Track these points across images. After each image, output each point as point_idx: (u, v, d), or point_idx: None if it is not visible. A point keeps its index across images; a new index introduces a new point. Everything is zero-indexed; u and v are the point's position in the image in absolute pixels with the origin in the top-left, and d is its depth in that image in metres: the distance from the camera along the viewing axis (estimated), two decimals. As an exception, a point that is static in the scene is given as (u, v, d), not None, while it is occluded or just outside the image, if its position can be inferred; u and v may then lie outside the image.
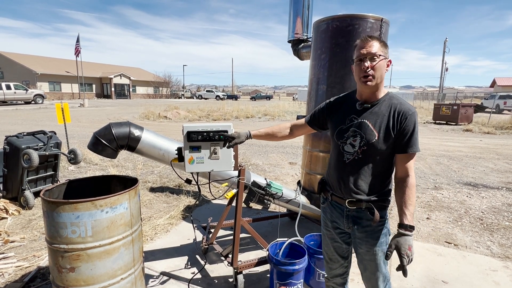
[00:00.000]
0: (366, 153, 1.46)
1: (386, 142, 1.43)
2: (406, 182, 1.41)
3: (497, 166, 6.85)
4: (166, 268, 2.73)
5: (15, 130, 10.00)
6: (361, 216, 1.53)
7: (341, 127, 1.55)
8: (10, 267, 2.64)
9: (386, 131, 1.42)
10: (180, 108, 19.59)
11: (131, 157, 6.89)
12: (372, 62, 1.40)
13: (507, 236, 3.48)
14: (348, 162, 1.51)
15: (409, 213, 1.37)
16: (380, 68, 1.41)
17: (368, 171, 1.48)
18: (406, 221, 1.36)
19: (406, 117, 1.39)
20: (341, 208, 1.59)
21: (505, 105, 23.72)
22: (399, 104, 1.43)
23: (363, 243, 1.56)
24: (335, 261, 1.74)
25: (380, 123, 1.43)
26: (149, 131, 2.31)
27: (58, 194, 2.06)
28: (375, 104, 1.47)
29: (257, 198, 2.59)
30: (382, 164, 1.48)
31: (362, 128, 1.46)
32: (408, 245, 1.34)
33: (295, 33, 3.53)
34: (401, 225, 1.37)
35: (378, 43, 1.41)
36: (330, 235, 1.71)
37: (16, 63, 34.69)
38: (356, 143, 1.48)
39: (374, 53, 1.39)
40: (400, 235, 1.35)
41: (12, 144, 3.88)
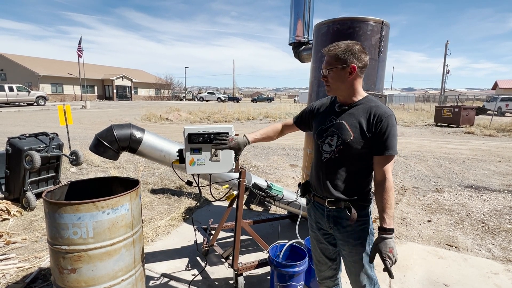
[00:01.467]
0: (342, 152, 1.51)
1: (361, 142, 1.47)
2: (383, 186, 1.44)
3: (499, 168, 6.83)
4: (166, 270, 2.74)
5: (17, 131, 10.05)
6: (341, 216, 1.57)
7: (321, 127, 1.61)
8: (11, 268, 2.65)
9: (361, 131, 1.47)
10: (181, 110, 19.64)
11: (132, 158, 6.91)
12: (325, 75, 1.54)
13: (508, 239, 3.47)
14: (325, 161, 1.57)
15: (387, 216, 1.41)
16: (334, 79, 1.51)
17: (344, 170, 1.53)
18: (385, 224, 1.41)
19: (382, 120, 1.44)
20: (322, 208, 1.63)
21: (507, 107, 23.66)
22: (375, 107, 1.48)
23: (345, 244, 1.59)
24: (323, 263, 1.77)
25: (355, 123, 1.49)
26: (151, 133, 2.32)
27: (60, 195, 2.07)
28: (352, 106, 1.53)
29: (257, 200, 2.60)
30: (358, 163, 1.52)
31: (340, 128, 1.52)
32: (389, 247, 1.38)
33: (296, 35, 3.55)
34: (380, 228, 1.41)
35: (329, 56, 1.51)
36: (316, 237, 1.74)
37: (18, 65, 34.88)
38: (333, 143, 1.53)
39: (323, 67, 1.53)
40: (381, 238, 1.40)
41: (14, 146, 3.90)
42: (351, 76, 1.48)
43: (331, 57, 1.50)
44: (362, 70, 1.51)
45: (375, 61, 2.83)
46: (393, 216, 1.43)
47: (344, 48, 1.47)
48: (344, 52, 1.46)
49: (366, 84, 2.82)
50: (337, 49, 1.48)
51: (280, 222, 3.59)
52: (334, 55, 1.48)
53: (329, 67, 1.51)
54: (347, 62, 1.46)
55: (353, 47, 1.47)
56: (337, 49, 1.48)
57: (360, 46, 1.50)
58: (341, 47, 1.48)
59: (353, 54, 1.46)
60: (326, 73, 1.53)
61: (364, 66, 1.50)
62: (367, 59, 1.50)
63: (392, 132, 1.44)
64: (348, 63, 1.46)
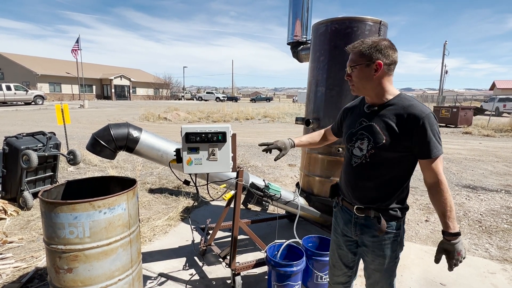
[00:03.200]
0: (374, 157, 1.41)
1: (395, 145, 1.36)
2: (437, 189, 1.34)
3: (496, 168, 6.86)
4: (164, 270, 2.73)
5: (15, 130, 10.01)
6: (369, 224, 1.47)
7: (351, 130, 1.52)
8: (8, 268, 2.64)
9: (394, 134, 1.36)
10: (180, 109, 19.61)
11: (130, 158, 6.89)
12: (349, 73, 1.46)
13: (505, 239, 3.48)
14: (355, 166, 1.48)
15: (450, 220, 1.32)
16: (358, 77, 1.42)
17: (376, 176, 1.43)
18: (449, 229, 1.32)
19: (419, 120, 1.31)
20: (350, 214, 1.55)
21: (504, 108, 23.75)
22: (409, 107, 1.35)
23: (370, 252, 1.51)
24: (338, 268, 1.70)
25: (387, 125, 1.38)
26: (148, 132, 2.31)
27: (57, 195, 2.06)
28: (383, 106, 1.42)
29: (255, 200, 2.60)
30: (392, 169, 1.41)
31: (370, 131, 1.42)
32: (457, 251, 1.32)
33: (295, 35, 3.54)
34: (446, 233, 1.34)
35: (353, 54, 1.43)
36: (337, 241, 1.67)
37: (16, 64, 34.74)
38: (364, 147, 1.43)
39: (350, 65, 1.44)
40: (448, 244, 1.33)
41: (11, 145, 3.88)
42: (377, 73, 1.38)
43: (355, 54, 1.41)
44: (390, 67, 1.39)
45: (373, 61, 2.83)
46: (455, 217, 1.34)
47: (369, 44, 1.37)
48: (369, 48, 1.37)
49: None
50: (362, 45, 1.39)
51: (278, 222, 3.59)
52: (358, 51, 1.40)
53: (353, 65, 1.42)
54: (372, 58, 1.36)
55: (379, 43, 1.36)
56: (361, 46, 1.39)
57: (388, 42, 1.39)
58: (366, 43, 1.39)
59: (379, 50, 1.36)
60: (349, 71, 1.44)
61: (392, 62, 1.38)
62: (396, 56, 1.39)
63: (433, 132, 1.32)
64: (373, 60, 1.36)
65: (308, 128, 3.11)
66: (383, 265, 1.49)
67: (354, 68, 1.42)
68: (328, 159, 2.98)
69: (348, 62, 1.45)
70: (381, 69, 1.37)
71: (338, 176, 2.95)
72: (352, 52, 1.44)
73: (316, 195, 3.12)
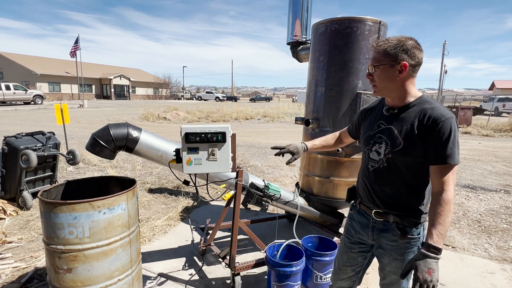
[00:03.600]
0: (392, 161, 1.37)
1: (412, 151, 1.31)
2: (438, 198, 1.26)
3: (496, 168, 6.87)
4: (163, 270, 2.73)
5: (14, 130, 9.99)
6: (388, 229, 1.43)
7: (368, 133, 1.48)
8: (7, 268, 2.63)
9: (413, 138, 1.30)
10: (179, 109, 19.59)
11: (130, 158, 6.89)
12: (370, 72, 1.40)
13: (504, 239, 3.49)
14: (372, 170, 1.45)
15: (436, 232, 1.22)
16: (381, 78, 1.36)
17: (394, 181, 1.39)
18: (430, 240, 1.22)
19: (438, 124, 1.25)
20: (367, 218, 1.52)
21: (504, 107, 23.79)
22: (430, 109, 1.29)
23: (387, 255, 1.48)
24: (343, 272, 1.67)
25: (406, 129, 1.32)
26: (147, 132, 2.31)
27: (56, 195, 2.06)
28: (403, 109, 1.37)
29: (255, 200, 2.60)
30: (410, 175, 1.36)
31: (388, 134, 1.38)
32: (429, 268, 1.18)
33: (294, 35, 3.54)
34: (424, 244, 1.25)
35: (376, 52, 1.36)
36: (349, 244, 1.63)
37: (15, 64, 34.67)
38: (382, 151, 1.39)
39: (369, 64, 1.39)
40: (421, 254, 1.22)
41: (10, 145, 3.88)
42: (401, 74, 1.32)
43: (379, 53, 1.34)
44: (415, 69, 1.33)
45: (372, 61, 2.83)
46: (444, 235, 1.22)
47: (395, 43, 1.31)
48: (394, 48, 1.30)
49: (363, 84, 2.82)
50: (387, 44, 1.32)
51: (278, 222, 3.59)
52: (383, 50, 1.32)
53: (376, 64, 1.35)
54: (397, 59, 1.30)
55: (405, 42, 1.30)
56: (386, 44, 1.32)
57: (414, 42, 1.32)
58: (391, 42, 1.31)
59: (405, 50, 1.29)
60: (371, 71, 1.38)
61: (417, 64, 1.32)
62: (421, 56, 1.33)
63: (451, 138, 1.25)
64: (398, 60, 1.30)
65: (308, 128, 3.11)
66: (400, 268, 1.44)
67: (377, 67, 1.35)
68: (327, 159, 2.98)
69: (371, 61, 1.38)
70: (406, 70, 1.31)
71: (337, 176, 2.97)
72: (376, 51, 1.36)
73: (316, 195, 3.12)
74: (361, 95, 2.78)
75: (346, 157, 2.91)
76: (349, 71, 2.80)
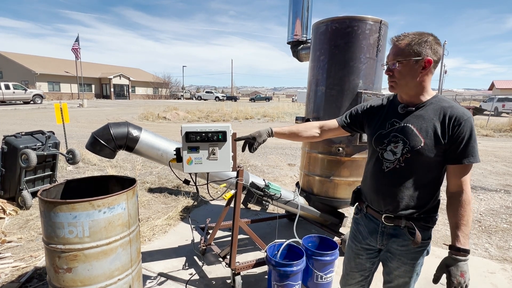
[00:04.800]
0: (410, 161, 1.31)
1: (434, 149, 1.27)
2: (459, 199, 1.25)
3: (496, 168, 6.87)
4: (163, 269, 2.72)
5: (14, 130, 9.97)
6: (398, 234, 1.39)
7: (380, 132, 1.41)
8: (7, 268, 2.63)
9: (434, 136, 1.26)
10: (179, 109, 19.58)
11: (129, 157, 6.88)
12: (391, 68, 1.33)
13: (505, 239, 3.49)
14: (387, 171, 1.37)
15: (462, 234, 1.22)
16: (403, 74, 1.29)
17: (410, 182, 1.33)
18: (458, 243, 1.22)
19: (460, 123, 1.22)
20: (376, 222, 1.46)
21: (503, 107, 23.79)
22: (450, 108, 1.26)
23: (395, 259, 1.44)
24: (352, 278, 1.64)
25: (426, 127, 1.28)
26: (148, 132, 2.30)
27: (56, 194, 2.05)
28: (420, 107, 1.32)
29: (255, 199, 2.59)
30: (427, 175, 1.32)
31: (406, 133, 1.32)
32: (461, 271, 1.20)
33: (295, 34, 3.54)
34: (453, 248, 1.23)
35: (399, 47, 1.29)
36: (356, 249, 1.59)
37: (15, 63, 34.62)
38: (398, 150, 1.33)
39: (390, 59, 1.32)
40: (452, 259, 1.22)
41: (10, 144, 3.87)
42: (424, 71, 1.27)
43: (401, 49, 1.28)
44: (436, 65, 1.29)
45: (373, 60, 2.83)
46: (468, 236, 1.23)
47: (418, 38, 1.26)
48: (419, 43, 1.25)
49: (364, 83, 2.82)
50: (410, 38, 1.27)
51: (278, 222, 3.58)
52: (407, 44, 1.26)
53: (400, 59, 1.28)
54: (422, 54, 1.25)
55: (428, 38, 1.26)
56: (410, 39, 1.27)
57: (434, 37, 1.27)
58: (415, 36, 1.27)
59: (429, 45, 1.25)
60: (392, 67, 1.31)
61: (438, 60, 1.29)
62: (441, 52, 1.31)
63: (473, 137, 1.24)
64: (423, 56, 1.25)
65: (308, 128, 3.11)
66: (408, 272, 1.43)
67: (400, 63, 1.28)
68: (328, 158, 2.98)
69: (392, 56, 1.31)
70: (429, 67, 1.27)
71: (338, 176, 2.96)
72: (397, 45, 1.30)
73: (316, 195, 3.12)
74: (362, 94, 2.78)
75: (347, 157, 2.90)
76: (350, 71, 2.80)
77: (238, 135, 1.85)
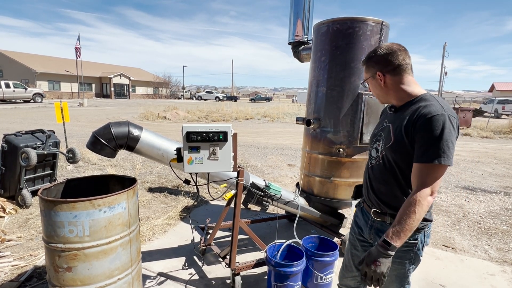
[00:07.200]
0: (385, 159, 1.38)
1: (398, 147, 1.31)
2: (411, 196, 1.23)
3: (495, 170, 6.87)
4: (163, 269, 2.72)
5: (14, 128, 9.97)
6: (384, 229, 1.40)
7: (374, 131, 1.54)
8: (6, 266, 2.62)
9: (400, 135, 1.31)
10: (179, 108, 19.58)
11: (130, 157, 6.87)
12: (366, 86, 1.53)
13: (504, 240, 3.49)
14: (370, 167, 1.49)
15: (393, 230, 1.22)
16: (372, 89, 1.47)
17: (388, 179, 1.39)
18: (385, 236, 1.23)
19: (422, 120, 1.23)
20: (367, 216, 1.54)
21: (503, 109, 23.79)
22: (422, 107, 1.27)
23: None
24: (349, 270, 1.69)
25: (398, 126, 1.34)
26: (148, 131, 2.30)
27: (56, 193, 2.05)
28: (402, 108, 1.39)
29: (255, 200, 2.59)
30: (402, 175, 1.34)
31: (385, 132, 1.42)
32: (375, 259, 1.22)
33: (296, 35, 3.54)
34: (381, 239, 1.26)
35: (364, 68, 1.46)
36: (353, 241, 1.66)
37: (15, 62, 34.63)
38: (379, 148, 1.43)
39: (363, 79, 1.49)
40: (375, 248, 1.26)
41: (10, 143, 3.87)
42: (384, 83, 1.38)
43: (364, 69, 1.46)
44: (398, 71, 1.34)
45: (374, 61, 2.82)
46: (400, 234, 1.21)
47: (367, 57, 1.41)
48: (367, 62, 1.41)
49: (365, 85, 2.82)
50: (365, 59, 1.43)
51: (278, 222, 3.58)
52: (364, 65, 1.44)
53: (363, 81, 1.50)
54: (373, 70, 1.39)
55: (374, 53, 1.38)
56: (365, 59, 1.43)
57: (386, 48, 1.35)
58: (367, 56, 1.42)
59: (375, 61, 1.37)
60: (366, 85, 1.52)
61: (395, 66, 1.33)
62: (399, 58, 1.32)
63: (434, 137, 1.18)
64: (374, 72, 1.39)
65: (309, 128, 3.11)
66: (394, 270, 1.43)
67: (367, 82, 1.47)
68: (328, 159, 2.98)
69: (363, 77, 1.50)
70: (385, 78, 1.37)
71: (338, 177, 2.97)
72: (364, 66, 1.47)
73: (316, 196, 3.12)
74: (363, 95, 2.78)
75: (347, 158, 2.90)
76: (351, 72, 2.80)
77: (238, 135, 1.85)
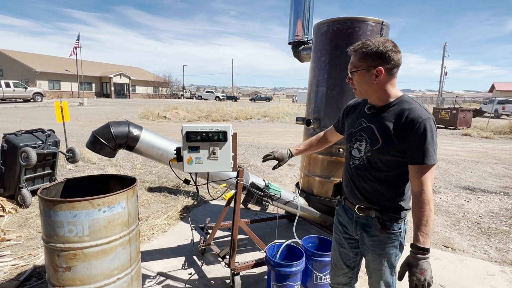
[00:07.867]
0: (371, 159, 1.41)
1: (389, 149, 1.35)
2: (419, 198, 1.28)
3: (495, 170, 6.87)
4: (163, 269, 2.72)
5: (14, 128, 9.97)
6: (370, 224, 1.48)
7: (351, 130, 1.52)
8: (6, 266, 2.62)
9: (390, 137, 1.34)
10: (179, 108, 19.57)
11: (129, 156, 6.87)
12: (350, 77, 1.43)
13: (504, 241, 3.49)
14: (353, 167, 1.50)
15: (421, 234, 1.26)
16: (359, 82, 1.39)
17: (374, 178, 1.43)
18: (418, 242, 1.26)
19: (415, 125, 1.28)
20: (351, 213, 1.56)
21: (503, 110, 23.79)
22: (409, 111, 1.31)
23: (370, 251, 1.52)
24: (339, 268, 1.70)
25: (384, 129, 1.36)
26: (148, 131, 2.30)
27: (56, 192, 2.05)
28: (383, 109, 1.40)
29: (255, 200, 2.59)
30: (389, 172, 1.40)
31: (368, 133, 1.42)
32: (420, 269, 1.23)
33: (296, 35, 3.53)
34: (413, 246, 1.28)
35: (354, 57, 1.38)
36: (339, 239, 1.67)
37: (15, 61, 34.63)
38: (362, 148, 1.44)
39: (350, 69, 1.41)
40: (412, 257, 1.27)
41: (10, 142, 3.87)
42: (378, 79, 1.34)
43: (355, 58, 1.37)
44: (393, 71, 1.35)
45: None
46: (429, 234, 1.27)
47: (370, 48, 1.32)
48: (369, 52, 1.32)
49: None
50: (362, 48, 1.34)
51: (278, 222, 3.58)
52: (359, 55, 1.35)
53: (353, 70, 1.38)
54: (373, 63, 1.32)
55: (379, 46, 1.31)
56: (361, 49, 1.34)
57: (391, 44, 1.33)
58: (366, 46, 1.33)
59: (379, 54, 1.31)
60: (350, 75, 1.42)
61: (394, 66, 1.33)
62: (398, 58, 1.34)
63: (428, 139, 1.27)
64: (373, 65, 1.32)
65: (309, 128, 3.11)
66: (382, 264, 1.49)
67: (355, 73, 1.38)
68: (328, 159, 2.97)
69: (349, 65, 1.41)
70: (382, 74, 1.33)
71: (338, 177, 2.96)
72: (352, 55, 1.39)
73: (316, 195, 3.12)
74: (363, 95, 2.78)
75: (347, 158, 2.90)
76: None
77: (238, 135, 1.85)
